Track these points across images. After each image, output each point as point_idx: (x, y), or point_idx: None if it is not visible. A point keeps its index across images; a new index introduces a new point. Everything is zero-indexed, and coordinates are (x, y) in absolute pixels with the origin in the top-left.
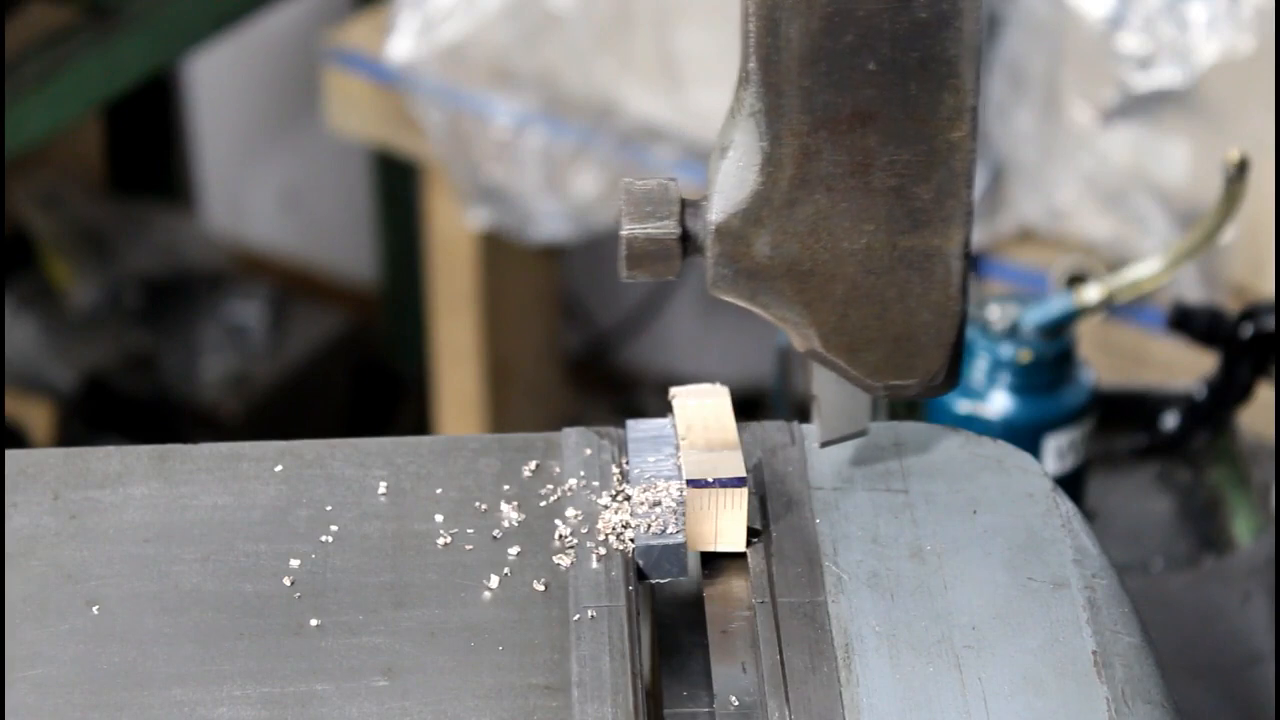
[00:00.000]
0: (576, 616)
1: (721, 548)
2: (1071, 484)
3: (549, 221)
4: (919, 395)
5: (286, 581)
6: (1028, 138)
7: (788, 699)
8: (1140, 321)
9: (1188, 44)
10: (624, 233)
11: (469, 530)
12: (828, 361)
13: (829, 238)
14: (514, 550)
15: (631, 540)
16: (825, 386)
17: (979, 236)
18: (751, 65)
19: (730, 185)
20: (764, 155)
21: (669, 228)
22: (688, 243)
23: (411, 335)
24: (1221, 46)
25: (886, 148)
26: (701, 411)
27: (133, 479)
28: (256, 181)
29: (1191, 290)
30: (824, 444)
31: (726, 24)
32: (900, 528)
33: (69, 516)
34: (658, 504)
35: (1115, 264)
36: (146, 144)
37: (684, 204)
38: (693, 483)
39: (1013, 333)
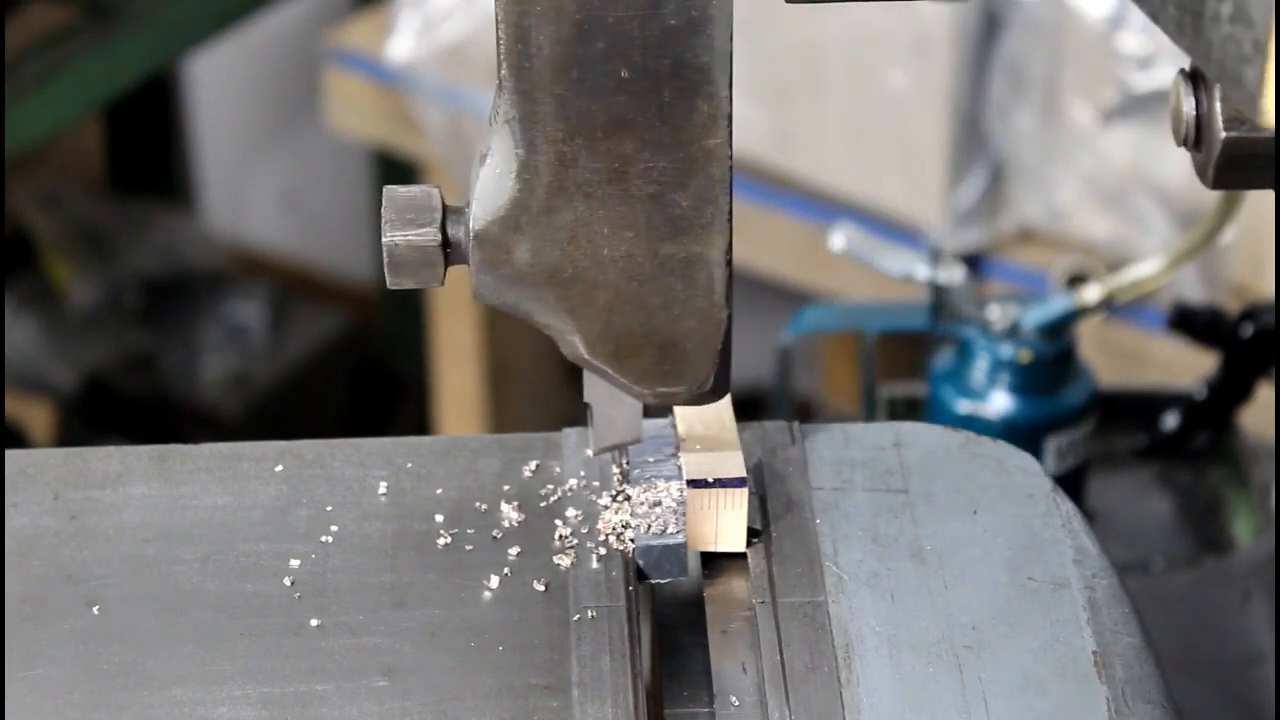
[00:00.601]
0: (577, 616)
1: (722, 548)
2: (1072, 484)
3: None
4: (688, 402)
5: (287, 581)
6: (1028, 138)
7: (788, 699)
8: (1140, 321)
9: None
10: (385, 240)
11: (469, 530)
12: (595, 369)
13: (589, 245)
14: (514, 550)
15: (632, 540)
16: (596, 394)
17: (980, 236)
18: (503, 72)
19: (488, 192)
20: (520, 162)
21: (430, 235)
22: (450, 250)
23: (411, 335)
24: None
25: (643, 155)
26: (701, 412)
27: (133, 479)
28: (256, 181)
29: (1192, 290)
30: (597, 452)
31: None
32: (900, 528)
33: (69, 516)
34: (658, 504)
35: (1115, 264)
36: (146, 144)
37: (446, 211)
38: (693, 483)
39: (1013, 333)
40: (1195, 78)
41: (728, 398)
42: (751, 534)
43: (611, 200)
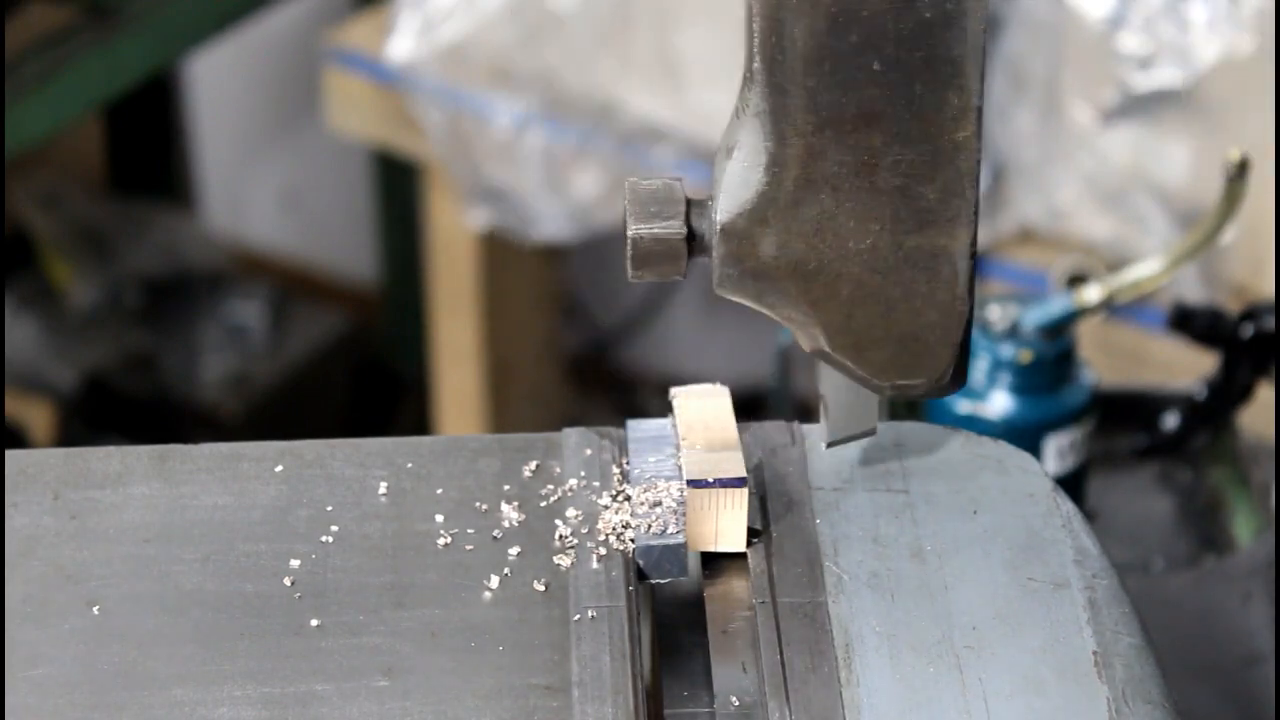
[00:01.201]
0: (577, 616)
1: (722, 548)
2: (1072, 484)
3: (549, 221)
4: (926, 395)
5: (287, 582)
6: (1028, 138)
7: (788, 699)
8: (1140, 321)
9: (1188, 44)
10: (630, 233)
11: (469, 530)
12: (834, 361)
13: (834, 237)
14: (514, 550)
15: (632, 540)
16: (832, 386)
17: (980, 236)
18: (756, 65)
19: (735, 185)
20: (769, 155)
21: (675, 228)
22: (693, 243)
23: (411, 335)
24: (1222, 47)
25: (891, 147)
26: (702, 411)
27: (133, 479)
28: (256, 181)
29: (1192, 290)
30: (830, 444)
31: (727, 24)
32: (901, 528)
33: (69, 516)
34: (658, 504)
35: (1115, 264)
36: (146, 144)
37: (690, 204)
38: (693, 483)
39: (1013, 333)
40: None
41: (728, 398)
42: (751, 534)
43: (858, 193)
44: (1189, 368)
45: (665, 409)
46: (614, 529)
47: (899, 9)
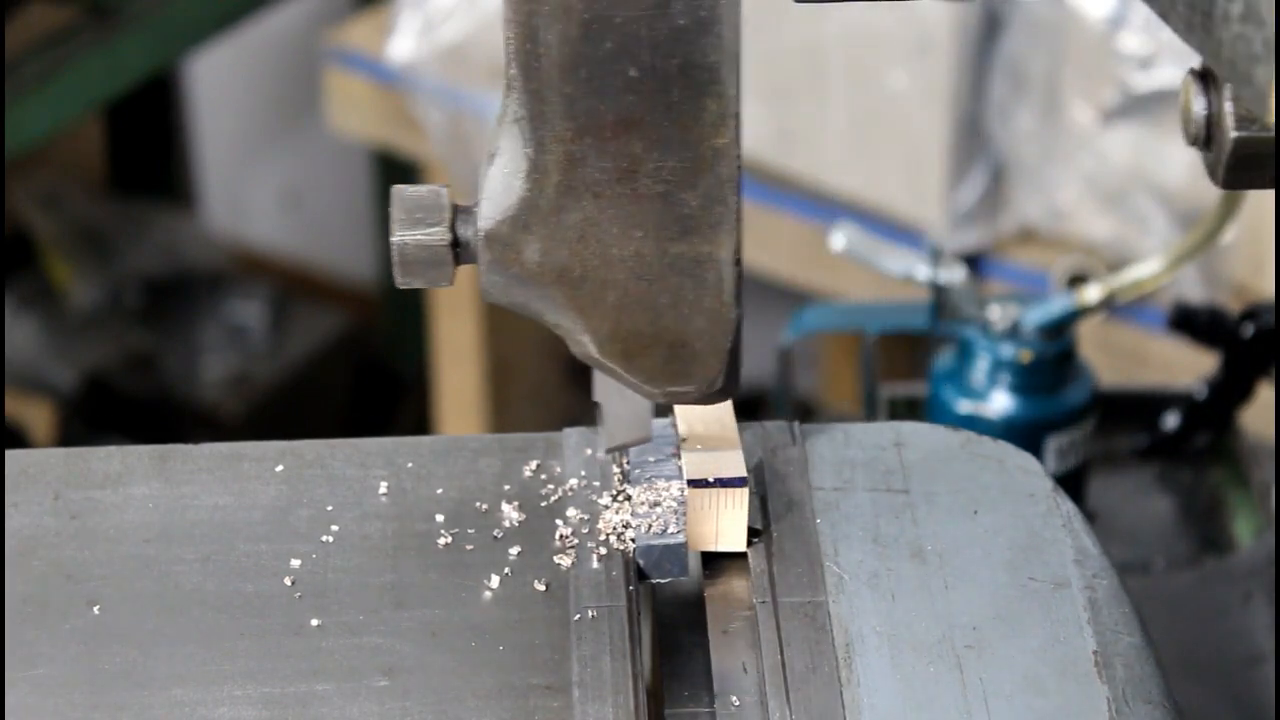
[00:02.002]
0: (577, 616)
1: (722, 548)
2: (1072, 484)
3: None
4: (698, 401)
5: (287, 581)
6: (1028, 138)
7: (788, 699)
8: (1141, 321)
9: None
10: (394, 239)
11: (470, 530)
12: (605, 368)
13: (598, 244)
14: (515, 550)
15: (632, 540)
16: (607, 393)
17: (980, 236)
18: (513, 72)
19: (498, 192)
20: (529, 162)
21: (439, 235)
22: (459, 249)
23: (411, 335)
24: None
25: (652, 154)
26: (702, 411)
27: (133, 479)
28: (256, 181)
29: (1192, 290)
30: (607, 450)
31: None
32: (901, 528)
33: (69, 516)
34: (658, 504)
35: (1116, 264)
36: (146, 144)
37: (455, 210)
38: (693, 483)
39: (1013, 333)
40: (1205, 77)
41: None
42: (752, 534)
43: (620, 199)
44: (1189, 368)
45: (666, 409)
46: (614, 529)
47: (652, 16)
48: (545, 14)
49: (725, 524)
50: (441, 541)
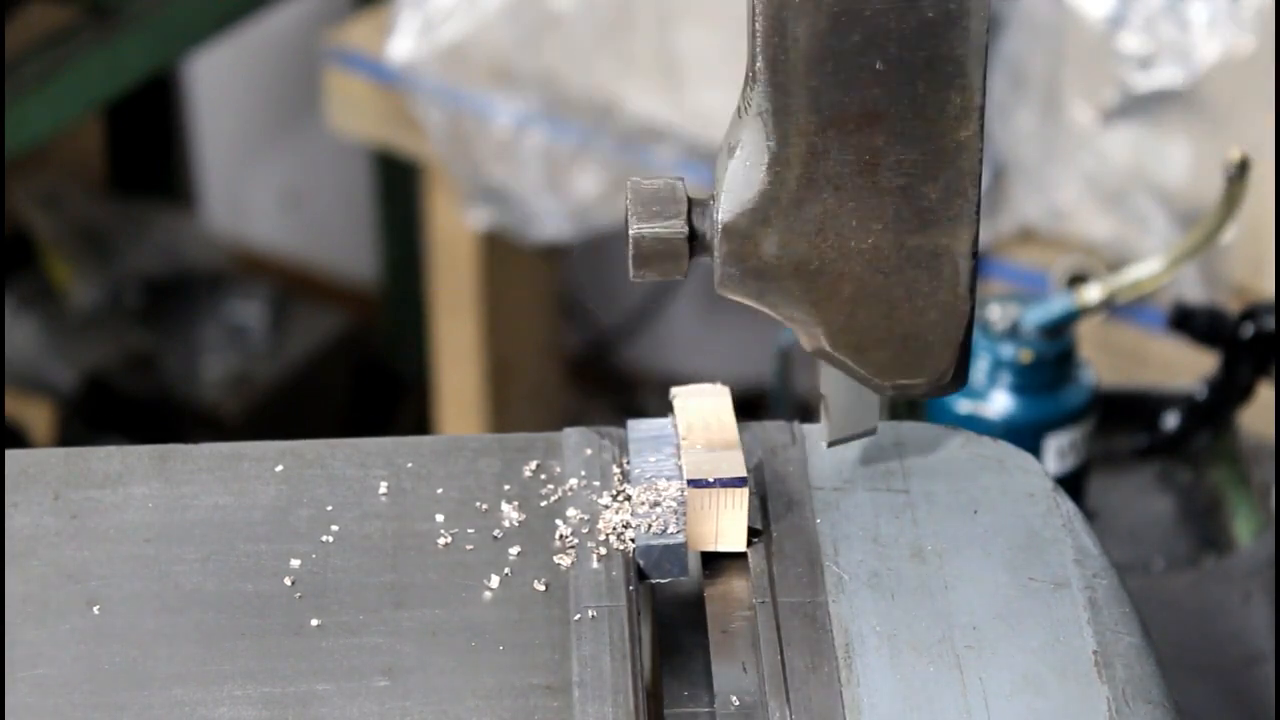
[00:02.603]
0: (577, 616)
1: (722, 548)
2: (1072, 484)
3: (549, 221)
4: (927, 395)
5: (287, 581)
6: (1028, 138)
7: (788, 699)
8: (1141, 321)
9: (1188, 44)
10: (632, 232)
11: (470, 530)
12: (835, 361)
13: (836, 237)
14: (515, 550)
15: (632, 540)
16: (833, 386)
17: (981, 236)
18: (759, 65)
19: (738, 185)
20: (771, 155)
21: (677, 227)
22: (695, 242)
23: (411, 335)
24: (1222, 46)
25: (894, 147)
26: (702, 411)
27: (133, 479)
28: (256, 181)
29: (1192, 290)
30: (831, 443)
31: (728, 24)
32: (901, 528)
33: (69, 516)
34: (658, 504)
35: (1116, 264)
36: (146, 144)
37: (691, 203)
38: (693, 483)
39: (1013, 333)
40: None
41: (728, 398)
42: (752, 534)
43: (861, 192)
44: (1189, 368)
45: (665, 409)
46: (614, 529)
47: (901, 9)
48: (796, 6)
49: (725, 524)
50: (441, 541)
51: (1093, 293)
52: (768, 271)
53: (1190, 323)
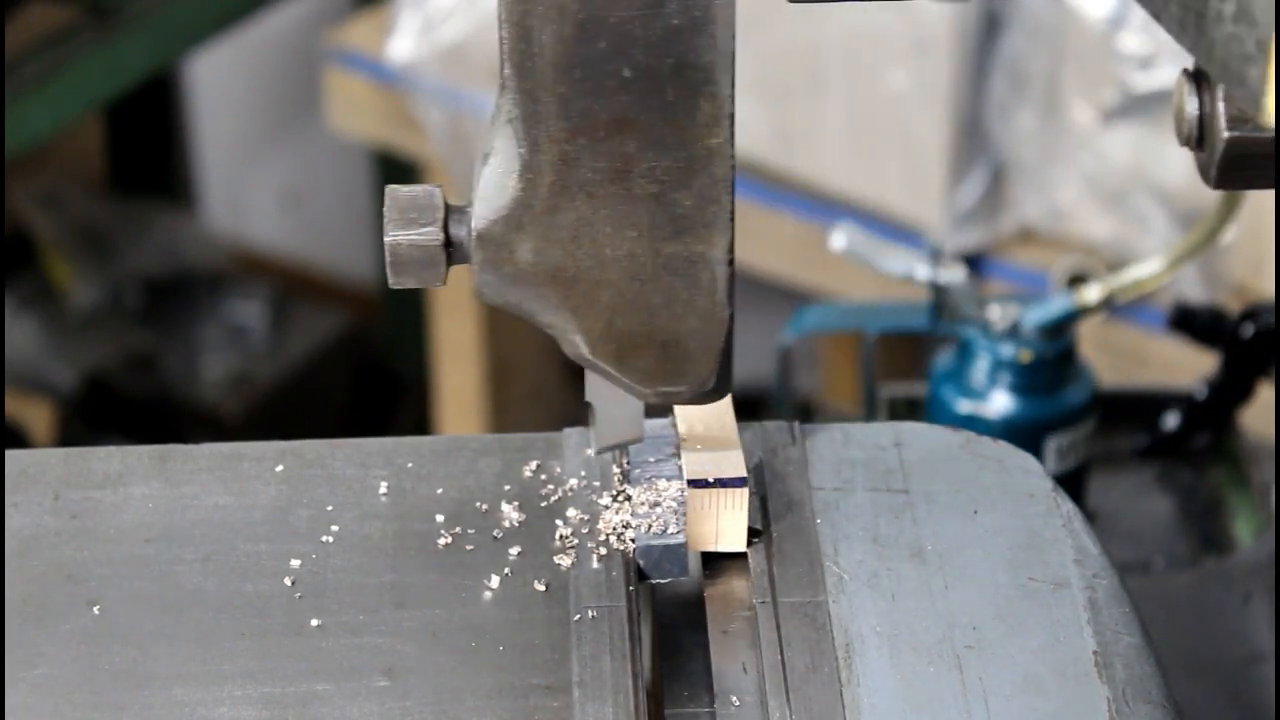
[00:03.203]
0: (577, 616)
1: (722, 548)
2: (1072, 484)
3: None
4: (690, 401)
5: (287, 581)
6: (1028, 138)
7: (788, 699)
8: (1141, 321)
9: None
10: (387, 239)
11: (470, 530)
12: (597, 368)
13: (592, 244)
14: (515, 550)
15: (632, 540)
16: (598, 394)
17: (980, 236)
18: (507, 71)
19: (491, 192)
20: (523, 162)
21: (432, 235)
22: (452, 249)
23: (411, 335)
24: None
25: (646, 154)
26: (702, 411)
27: (133, 479)
28: (256, 181)
29: (1192, 290)
30: (599, 451)
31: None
32: (901, 528)
33: (69, 516)
34: (658, 504)
35: (1116, 264)
36: (146, 144)
37: (448, 210)
38: (693, 483)
39: (1013, 333)
40: (1198, 77)
41: (728, 398)
42: (752, 534)
43: (614, 199)
44: (1189, 368)
45: (660, 409)
46: (614, 529)
47: (646, 16)
48: (540, 14)
49: (725, 524)
50: (441, 541)
51: (1093, 293)
52: (524, 278)
53: (1190, 323)
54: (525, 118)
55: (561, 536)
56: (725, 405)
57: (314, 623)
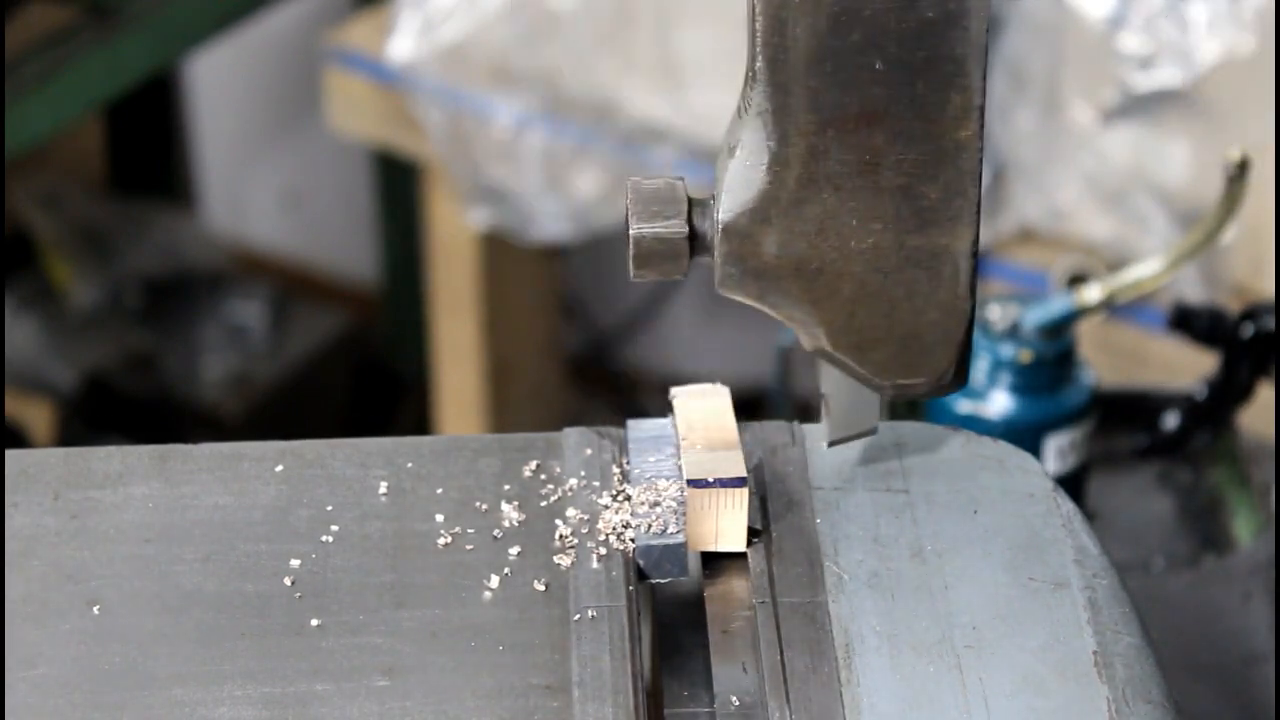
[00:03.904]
0: (577, 616)
1: (722, 548)
2: (1072, 484)
3: (549, 221)
4: (927, 394)
5: (287, 581)
6: (1028, 138)
7: (788, 699)
8: (1141, 321)
9: (1188, 44)
10: (632, 232)
11: (469, 530)
12: (836, 360)
13: (836, 237)
14: (514, 550)
15: (632, 540)
16: (834, 385)
17: (981, 236)
18: (759, 64)
19: (738, 184)
20: (771, 154)
21: (677, 227)
22: (695, 242)
23: (411, 335)
24: (1222, 46)
25: (894, 147)
26: (702, 411)
27: (133, 479)
28: (256, 181)
29: (1192, 290)
30: (832, 443)
31: (727, 24)
32: (901, 527)
33: (69, 516)
34: (658, 504)
35: (1116, 264)
36: (146, 144)
37: (691, 203)
38: (693, 483)
39: (1013, 333)
40: None
41: (728, 398)
42: (752, 534)
43: (861, 192)
44: (1189, 368)
45: (665, 409)
46: (614, 529)
47: (901, 8)
48: (795, 6)
49: (725, 524)
50: (441, 541)
51: (1093, 293)
52: (768, 271)
53: (1190, 323)
54: (775, 110)
55: (561, 536)
56: (725, 405)
57: (314, 623)
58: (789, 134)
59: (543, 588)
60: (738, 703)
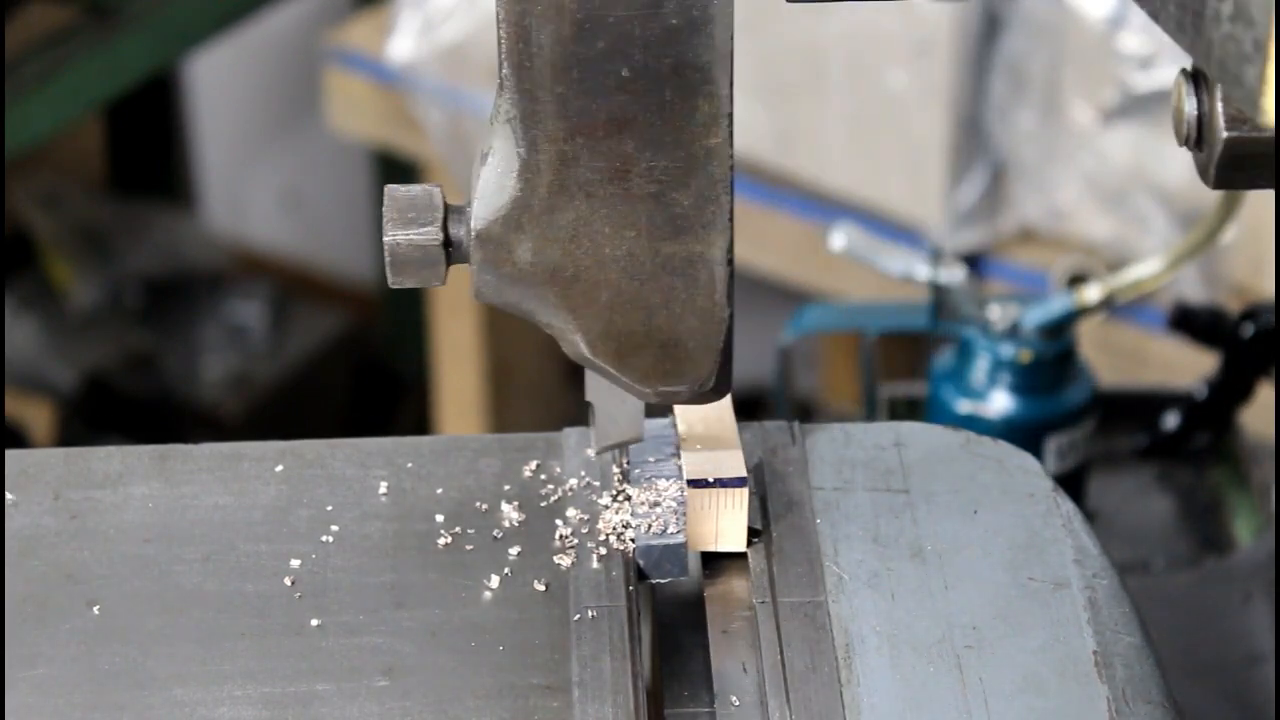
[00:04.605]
0: (577, 616)
1: (722, 548)
2: (1072, 484)
3: None
4: (690, 401)
5: (287, 581)
6: (1028, 138)
7: (788, 699)
8: (1141, 321)
9: None
10: (386, 239)
11: (469, 530)
12: (597, 368)
13: (591, 244)
14: (514, 550)
15: (632, 540)
16: (598, 393)
17: (980, 236)
18: (505, 71)
19: (490, 191)
20: (522, 161)
21: (432, 234)
22: (451, 249)
23: (411, 335)
24: None
25: (644, 154)
26: (702, 411)
27: (133, 479)
28: (256, 181)
29: (1192, 290)
30: (599, 451)
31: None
32: (901, 528)
33: (69, 516)
34: (658, 504)
35: (1116, 264)
36: (146, 144)
37: (448, 210)
38: (693, 483)
39: (1013, 333)
40: (1197, 77)
41: (728, 398)
42: (752, 534)
43: (613, 199)
44: (1189, 368)
45: (660, 409)
46: (614, 529)
47: (645, 16)
48: (538, 14)
49: (725, 524)
50: (441, 541)
51: (1093, 293)
52: (524, 278)
53: (1190, 323)
54: (524, 117)
55: (561, 536)
56: (725, 405)
57: (314, 623)
58: (538, 141)
59: (543, 588)
60: (738, 703)
